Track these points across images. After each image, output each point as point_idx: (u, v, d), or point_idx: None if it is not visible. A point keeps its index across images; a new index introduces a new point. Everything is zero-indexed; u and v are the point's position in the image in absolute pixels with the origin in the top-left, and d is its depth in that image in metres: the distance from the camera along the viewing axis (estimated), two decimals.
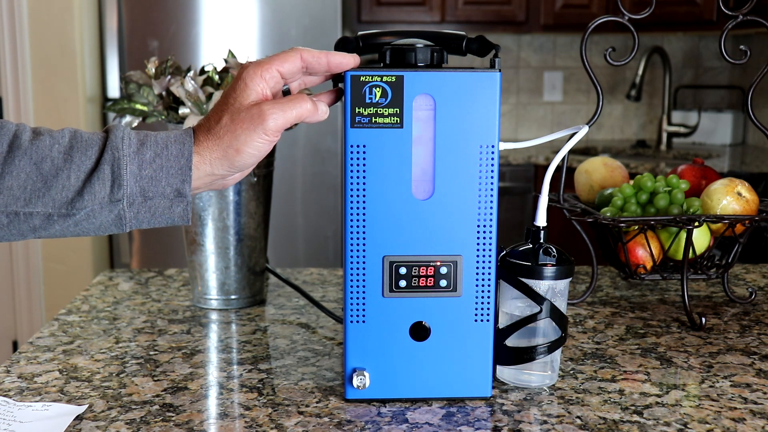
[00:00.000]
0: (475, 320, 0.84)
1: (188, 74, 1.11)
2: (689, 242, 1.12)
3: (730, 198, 1.15)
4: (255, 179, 1.15)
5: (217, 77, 1.14)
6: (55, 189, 0.74)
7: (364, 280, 0.83)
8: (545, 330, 0.88)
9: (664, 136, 3.67)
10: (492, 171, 0.81)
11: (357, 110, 0.80)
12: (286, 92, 0.82)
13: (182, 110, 1.10)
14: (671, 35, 3.86)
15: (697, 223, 1.09)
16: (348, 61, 0.80)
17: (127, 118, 1.15)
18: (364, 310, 0.83)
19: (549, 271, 0.86)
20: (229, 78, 1.13)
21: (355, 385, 0.84)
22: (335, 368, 0.95)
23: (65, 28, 2.97)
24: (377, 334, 0.84)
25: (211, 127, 0.77)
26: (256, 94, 0.77)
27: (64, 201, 0.74)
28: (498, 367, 0.89)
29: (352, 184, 0.81)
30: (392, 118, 0.80)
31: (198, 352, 1.01)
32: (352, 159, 0.80)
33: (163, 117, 1.15)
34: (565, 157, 1.01)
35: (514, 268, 0.86)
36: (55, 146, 0.74)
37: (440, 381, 0.85)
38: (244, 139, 0.76)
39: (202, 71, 1.16)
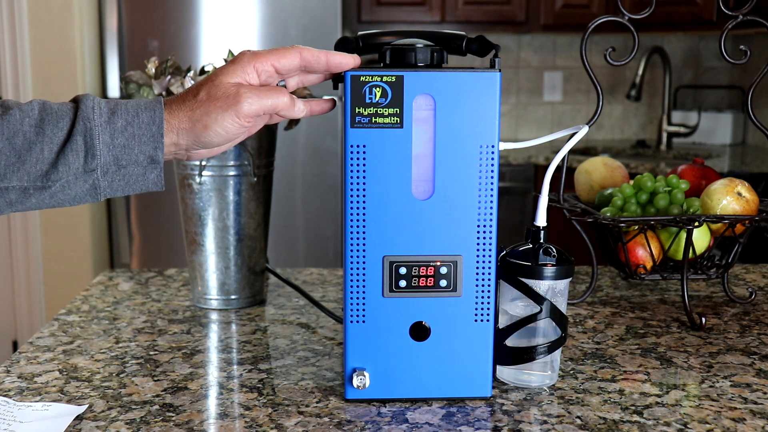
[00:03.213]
0: (475, 320, 0.84)
1: (188, 74, 1.11)
2: (689, 242, 1.12)
3: (730, 198, 1.15)
4: (255, 179, 1.15)
5: None
6: (29, 163, 0.74)
7: (364, 280, 0.83)
8: (545, 330, 0.88)
9: (664, 136, 3.67)
10: (492, 171, 0.81)
11: (357, 110, 0.80)
12: None
13: None
14: (671, 35, 3.86)
15: (697, 223, 1.09)
16: (348, 61, 0.80)
17: None
18: (364, 310, 0.83)
19: (549, 271, 0.86)
20: None
21: (355, 385, 0.84)
22: (335, 368, 0.95)
23: (65, 28, 2.97)
24: (377, 334, 0.84)
25: (186, 98, 0.77)
26: (241, 78, 0.78)
27: (39, 174, 0.74)
28: (498, 367, 0.89)
29: (352, 184, 0.81)
30: (392, 118, 0.80)
31: (198, 352, 1.01)
32: (352, 159, 0.80)
33: None
34: (565, 157, 1.01)
35: (514, 268, 0.86)
36: (25, 119, 0.74)
37: (440, 381, 0.85)
38: (215, 117, 0.76)
39: (202, 71, 1.16)
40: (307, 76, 0.83)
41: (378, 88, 0.79)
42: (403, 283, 0.83)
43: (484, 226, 0.82)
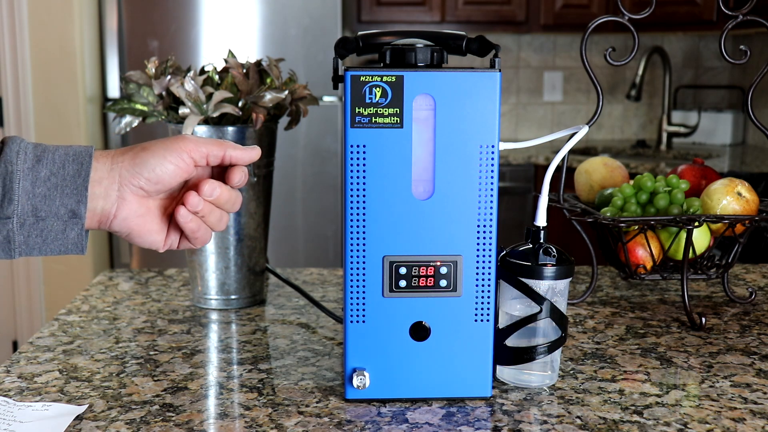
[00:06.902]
0: (475, 320, 0.84)
1: (188, 74, 1.11)
2: (689, 242, 1.11)
3: (730, 198, 1.15)
4: (255, 179, 1.15)
5: (217, 77, 1.14)
6: None
7: (364, 280, 0.83)
8: (545, 330, 0.88)
9: (664, 136, 3.67)
10: (492, 171, 0.81)
11: (357, 110, 0.80)
12: None
13: (182, 110, 1.10)
14: (671, 35, 3.86)
15: (697, 223, 1.09)
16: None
17: (127, 118, 1.15)
18: (364, 310, 0.83)
19: (549, 271, 0.86)
20: (230, 78, 1.12)
21: (355, 385, 0.84)
22: (335, 368, 0.95)
23: (65, 28, 2.97)
24: (377, 334, 0.84)
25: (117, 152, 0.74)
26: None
27: None
28: (498, 367, 0.89)
29: (352, 184, 0.81)
30: (392, 118, 0.80)
31: (198, 352, 1.01)
32: (352, 159, 0.80)
33: (163, 117, 1.14)
34: (565, 157, 1.01)
35: (514, 268, 0.86)
36: None
37: (440, 381, 0.85)
38: (155, 145, 0.73)
39: (202, 71, 1.16)
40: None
41: (378, 88, 0.79)
42: (403, 283, 0.83)
43: (484, 226, 0.82)
